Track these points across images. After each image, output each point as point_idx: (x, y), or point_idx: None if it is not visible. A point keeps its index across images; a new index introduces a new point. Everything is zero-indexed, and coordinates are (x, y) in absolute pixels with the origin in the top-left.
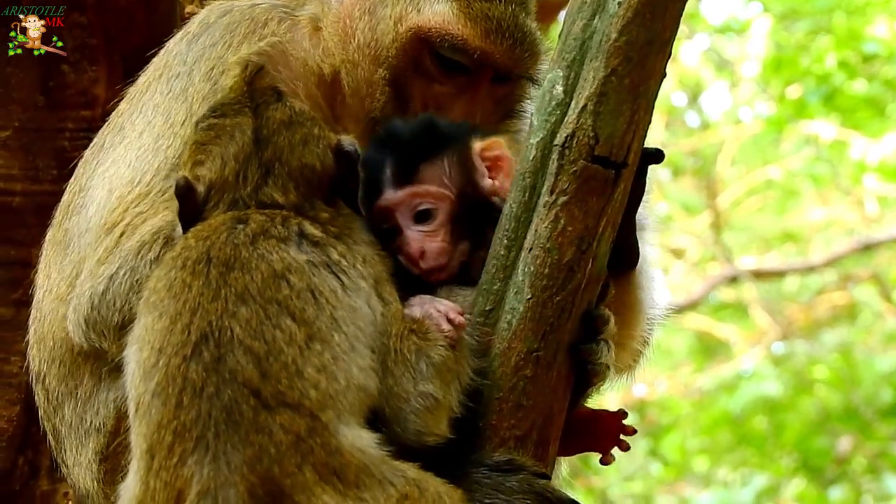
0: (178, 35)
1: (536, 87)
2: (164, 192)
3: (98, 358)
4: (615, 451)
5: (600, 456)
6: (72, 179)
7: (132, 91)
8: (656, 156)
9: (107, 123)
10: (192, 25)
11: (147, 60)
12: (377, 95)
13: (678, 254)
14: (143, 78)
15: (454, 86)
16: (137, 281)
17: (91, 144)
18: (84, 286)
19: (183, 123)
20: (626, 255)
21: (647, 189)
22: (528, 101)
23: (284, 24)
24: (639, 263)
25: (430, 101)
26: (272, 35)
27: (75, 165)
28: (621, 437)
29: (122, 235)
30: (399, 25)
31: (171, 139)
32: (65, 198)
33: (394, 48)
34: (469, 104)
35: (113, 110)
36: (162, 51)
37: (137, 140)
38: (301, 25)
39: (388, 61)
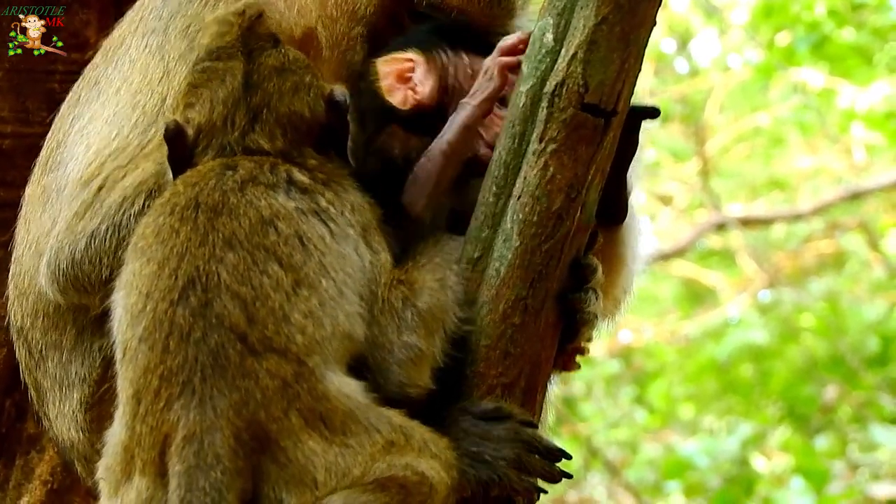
0: None
1: None
2: (143, 147)
3: (81, 309)
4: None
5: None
6: (49, 135)
7: (107, 44)
8: (651, 112)
9: (81, 77)
10: None
11: None
12: (357, 49)
13: (666, 200)
14: (118, 32)
15: None
16: (123, 237)
17: (66, 99)
18: (61, 241)
19: (160, 80)
20: (614, 210)
21: (639, 146)
22: None
23: None
24: (626, 219)
25: None
26: None
27: None
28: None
29: (100, 189)
30: None
31: (148, 95)
32: (43, 153)
33: (371, 5)
34: None
35: None
36: (137, 4)
37: (115, 96)
38: None
39: (366, 18)
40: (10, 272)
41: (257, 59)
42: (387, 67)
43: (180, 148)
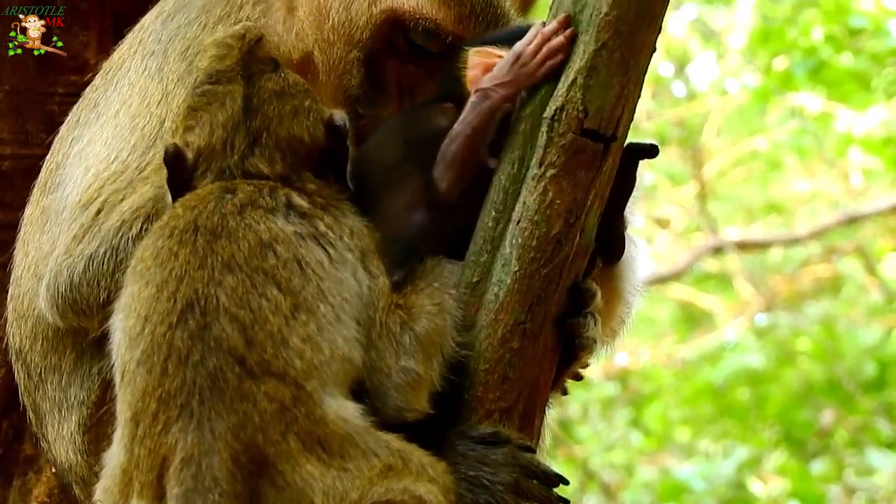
0: (153, 12)
1: None
2: (142, 170)
3: (81, 332)
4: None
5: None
6: (48, 156)
7: (106, 66)
8: (649, 151)
9: (81, 98)
10: (168, 3)
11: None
12: (354, 73)
13: (663, 224)
14: (118, 54)
15: (428, 66)
16: (121, 261)
17: (66, 120)
18: (60, 264)
19: (159, 103)
20: (611, 248)
21: (636, 185)
22: None
23: (259, 8)
24: (624, 255)
25: (404, 81)
26: (247, 19)
27: None
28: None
29: (98, 213)
30: (373, 7)
31: (147, 118)
32: (42, 175)
33: (367, 30)
34: None
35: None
36: (136, 27)
37: (113, 118)
38: (275, 9)
39: (362, 42)
40: (9, 294)
41: (257, 82)
42: (477, 59)
43: (179, 171)
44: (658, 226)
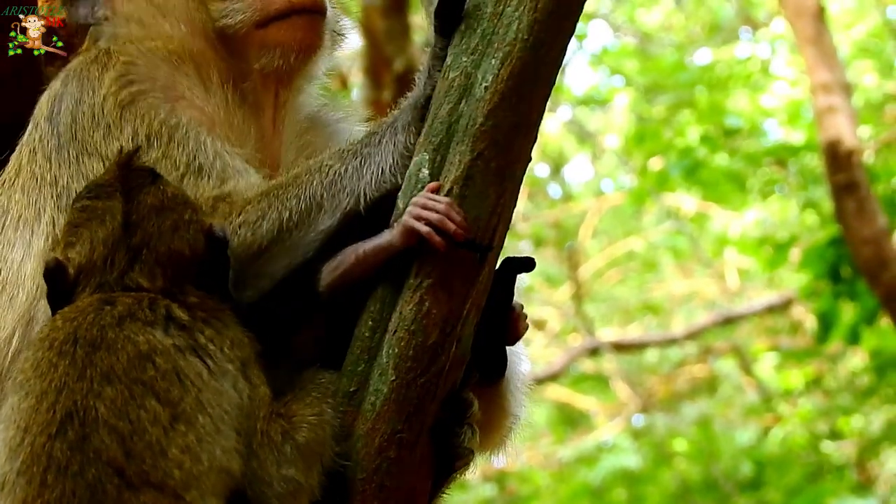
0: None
1: None
2: None
3: None
4: None
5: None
6: None
7: None
8: (526, 264)
9: None
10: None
11: (12, 137)
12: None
13: (539, 325)
14: None
15: None
16: None
17: None
18: None
19: None
20: (492, 364)
21: (513, 298)
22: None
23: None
24: (507, 371)
25: None
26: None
27: None
28: None
29: None
30: None
31: None
32: None
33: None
34: None
35: None
36: None
37: None
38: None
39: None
40: None
41: (136, 197)
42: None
43: (60, 285)
44: (535, 327)
